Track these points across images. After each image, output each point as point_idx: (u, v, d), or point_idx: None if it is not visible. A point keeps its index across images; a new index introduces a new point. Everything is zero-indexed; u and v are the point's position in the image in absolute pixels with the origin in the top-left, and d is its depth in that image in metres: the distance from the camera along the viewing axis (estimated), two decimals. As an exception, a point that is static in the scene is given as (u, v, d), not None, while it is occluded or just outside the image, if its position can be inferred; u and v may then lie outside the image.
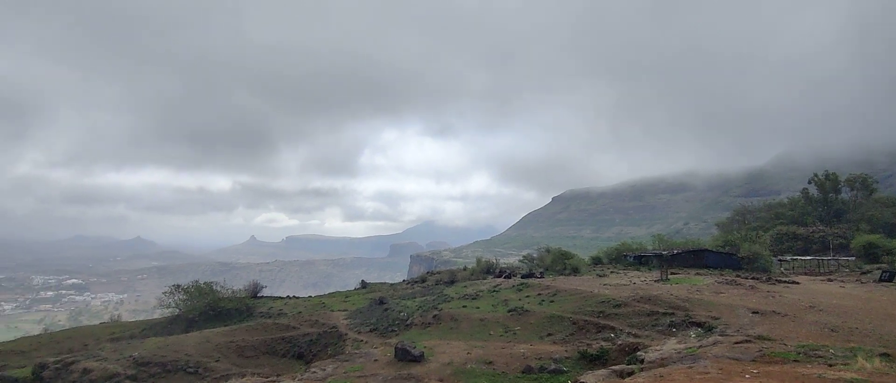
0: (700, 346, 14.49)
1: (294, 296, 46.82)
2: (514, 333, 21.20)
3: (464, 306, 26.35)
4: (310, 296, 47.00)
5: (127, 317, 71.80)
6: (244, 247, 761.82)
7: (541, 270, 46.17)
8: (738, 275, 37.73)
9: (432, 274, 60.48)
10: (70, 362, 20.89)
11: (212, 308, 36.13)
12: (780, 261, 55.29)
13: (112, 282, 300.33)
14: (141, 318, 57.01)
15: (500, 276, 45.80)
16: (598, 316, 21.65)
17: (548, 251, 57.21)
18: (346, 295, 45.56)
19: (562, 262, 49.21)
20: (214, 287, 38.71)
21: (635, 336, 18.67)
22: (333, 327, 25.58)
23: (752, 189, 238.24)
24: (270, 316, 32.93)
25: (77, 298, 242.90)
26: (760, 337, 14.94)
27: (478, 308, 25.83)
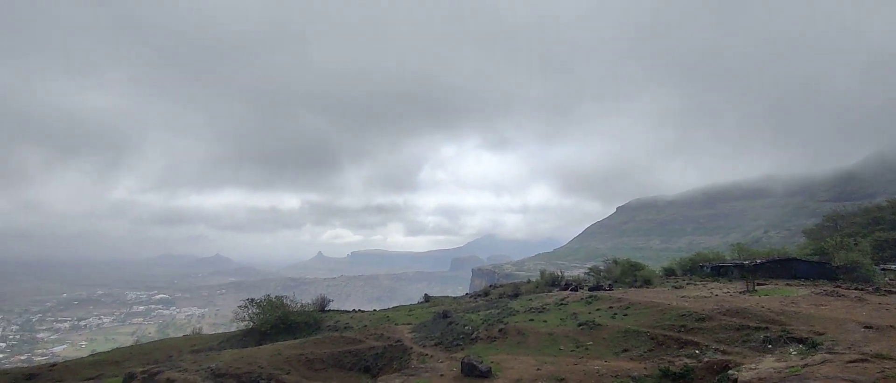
0: (805, 365, 12.86)
1: (360, 310, 47.51)
2: (586, 348, 20.04)
3: (530, 320, 25.39)
4: (375, 310, 47.52)
5: (207, 330, 76.13)
6: (312, 263, 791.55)
7: (609, 282, 44.07)
8: (837, 286, 34.03)
9: (495, 287, 59.43)
10: (155, 372, 22.01)
11: (283, 321, 37.31)
12: (883, 269, 49.51)
13: (194, 297, 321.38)
14: (220, 331, 60.20)
15: (566, 289, 44.16)
16: (680, 331, 20.02)
17: (615, 262, 54.62)
18: (410, 309, 45.62)
19: (632, 274, 46.74)
20: (285, 301, 40.06)
21: (724, 352, 17.02)
22: (398, 341, 25.43)
23: (841, 193, 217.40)
24: (337, 330, 33.44)
25: (164, 312, 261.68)
26: (879, 356, 13.04)
27: (545, 321, 24.79)
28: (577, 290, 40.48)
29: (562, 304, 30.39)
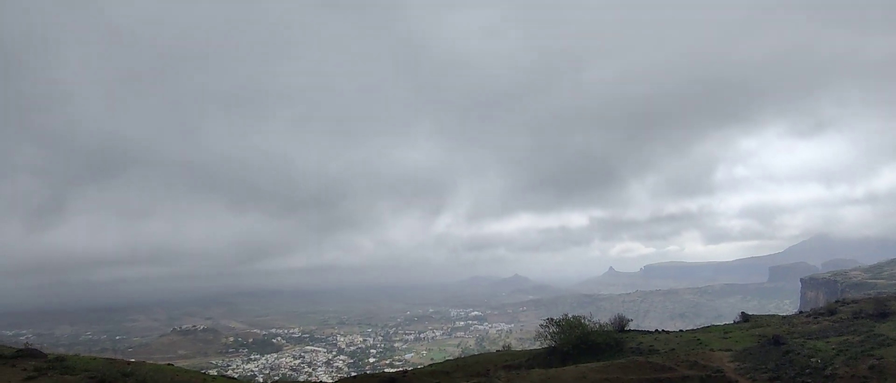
0: None
1: (663, 331, 43.70)
2: None
3: (921, 353, 18.38)
4: (680, 331, 42.95)
5: (514, 344, 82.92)
6: (603, 279, 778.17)
7: None
8: None
9: (845, 303, 46.28)
10: (478, 387, 24.86)
11: (583, 341, 37.27)
12: None
13: (501, 314, 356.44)
14: (525, 346, 64.92)
15: (977, 306, 30.80)
16: None
17: None
18: (725, 330, 39.50)
19: None
20: (582, 320, 40.08)
21: None
22: (718, 371, 22.05)
23: None
24: (642, 353, 31.40)
25: (479, 327, 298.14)
26: None
27: (950, 357, 17.53)
28: None
29: (975, 331, 21.16)
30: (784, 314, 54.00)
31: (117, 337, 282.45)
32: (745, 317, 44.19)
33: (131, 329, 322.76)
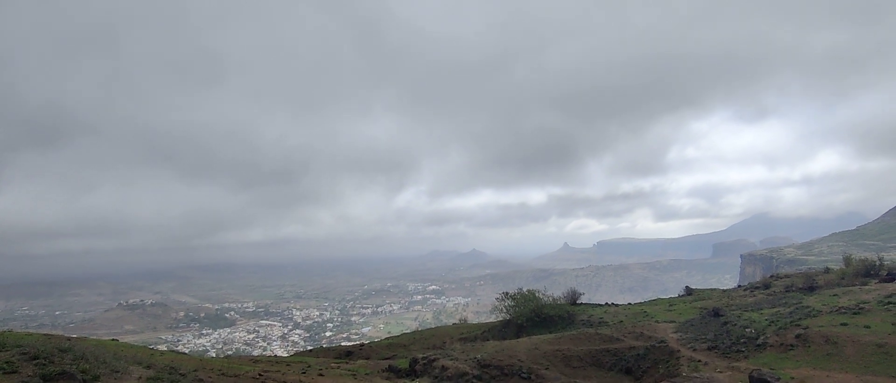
0: None
1: (613, 304, 45.49)
2: (946, 368, 14.50)
3: (842, 324, 19.83)
4: (629, 304, 44.83)
5: (471, 318, 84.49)
6: (559, 254, 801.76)
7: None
8: None
9: (778, 278, 49.53)
10: (433, 359, 25.13)
11: (536, 314, 38.31)
12: None
13: (459, 288, 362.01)
14: (481, 319, 66.14)
15: (890, 280, 33.61)
16: None
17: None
18: (670, 302, 41.54)
19: None
20: (537, 294, 41.11)
21: None
22: (662, 341, 23.14)
23: None
24: (592, 325, 32.58)
25: (437, 301, 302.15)
26: None
27: (867, 327, 19.00)
28: (911, 282, 30.33)
29: (889, 303, 23.03)
30: (724, 288, 57.27)
31: (57, 313, 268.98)
32: (689, 291, 46.56)
33: (73, 304, 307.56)
